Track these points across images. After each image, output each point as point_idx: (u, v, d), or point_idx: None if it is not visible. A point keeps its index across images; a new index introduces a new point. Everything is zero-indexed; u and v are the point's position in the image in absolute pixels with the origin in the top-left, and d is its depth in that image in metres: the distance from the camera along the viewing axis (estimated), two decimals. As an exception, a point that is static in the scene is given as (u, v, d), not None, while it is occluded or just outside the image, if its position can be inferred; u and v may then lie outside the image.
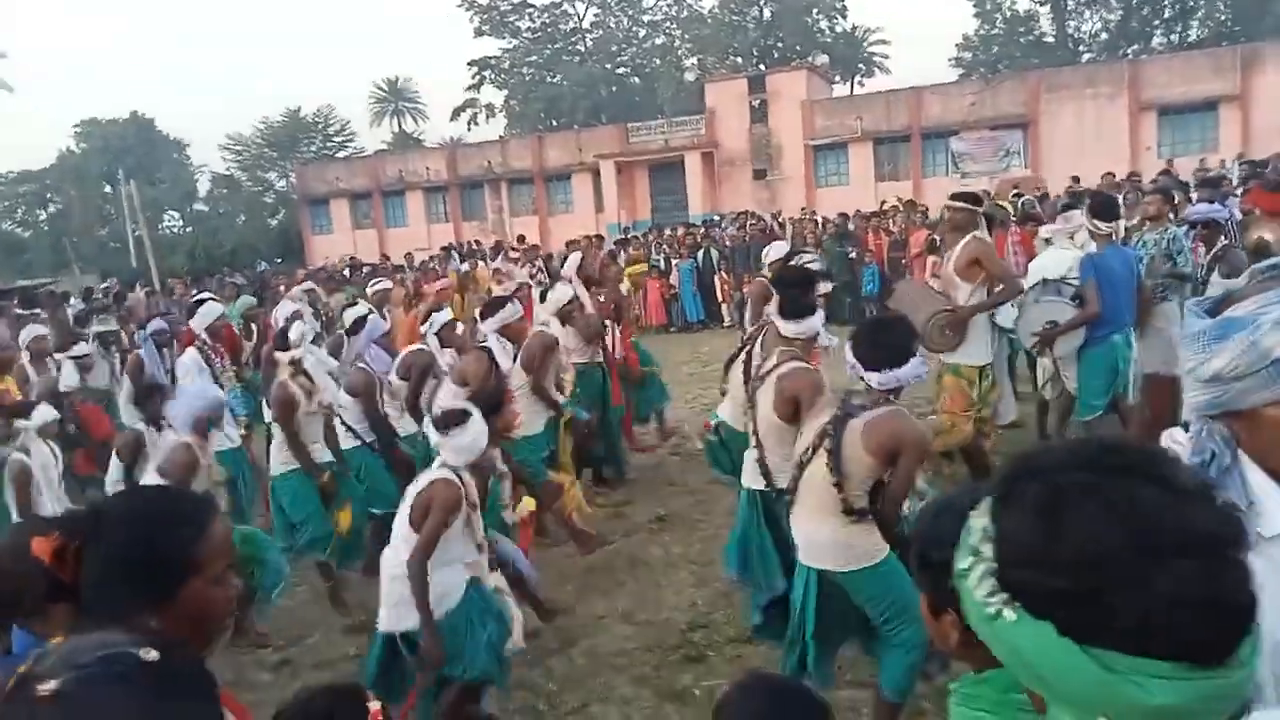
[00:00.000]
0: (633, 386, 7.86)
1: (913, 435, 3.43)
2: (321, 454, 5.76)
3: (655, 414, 8.25)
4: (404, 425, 6.54)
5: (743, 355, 5.30)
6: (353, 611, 5.55)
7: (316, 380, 5.75)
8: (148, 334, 9.27)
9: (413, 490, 3.96)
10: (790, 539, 3.83)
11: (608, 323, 7.54)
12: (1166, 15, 43.49)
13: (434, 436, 4.05)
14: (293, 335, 5.76)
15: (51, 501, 5.19)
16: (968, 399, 5.85)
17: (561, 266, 9.30)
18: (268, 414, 6.19)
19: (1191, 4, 42.10)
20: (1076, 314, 6.14)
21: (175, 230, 49.66)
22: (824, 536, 3.53)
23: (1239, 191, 11.42)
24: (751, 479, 4.42)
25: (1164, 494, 0.83)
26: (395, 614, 3.85)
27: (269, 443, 6.13)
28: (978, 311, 5.79)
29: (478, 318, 6.91)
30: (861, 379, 3.51)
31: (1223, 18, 41.01)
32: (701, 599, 5.33)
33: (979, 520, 0.94)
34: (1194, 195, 10.48)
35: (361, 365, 6.63)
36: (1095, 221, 6.24)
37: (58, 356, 8.19)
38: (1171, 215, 7.45)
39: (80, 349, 8.18)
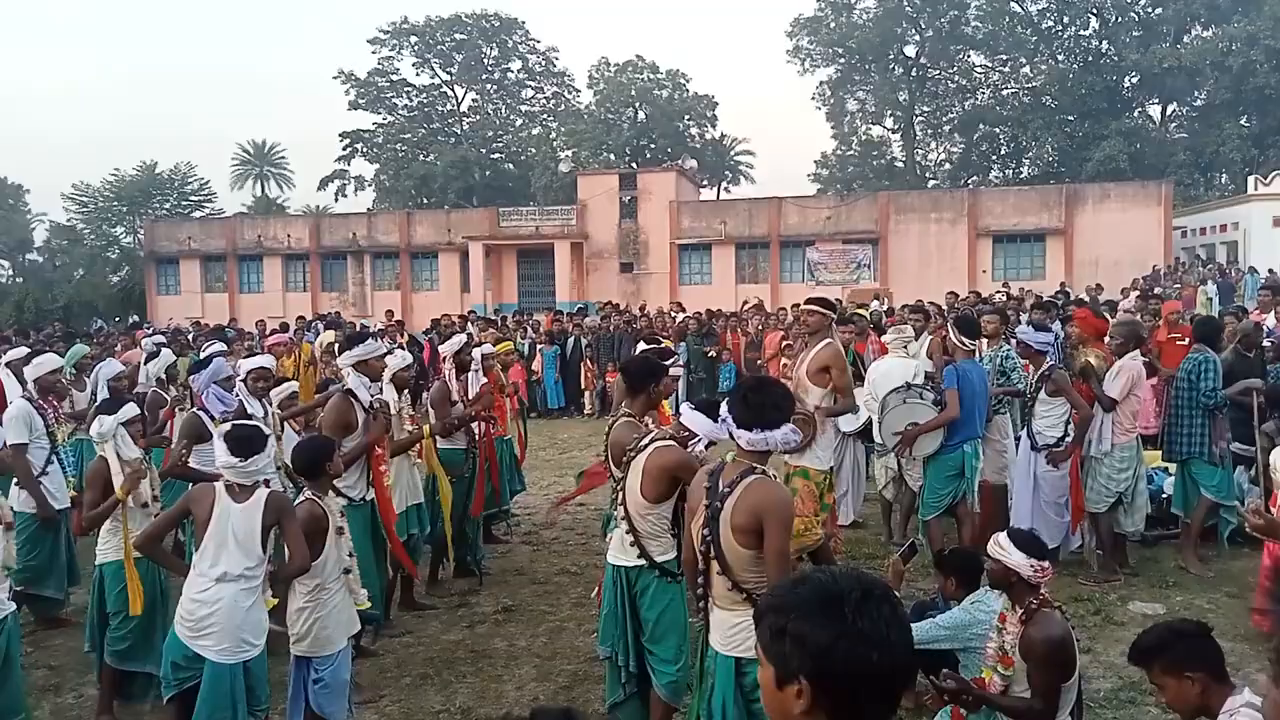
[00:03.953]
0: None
1: (777, 501, 3.20)
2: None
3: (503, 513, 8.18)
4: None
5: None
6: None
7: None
8: None
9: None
10: (645, 620, 4.16)
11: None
12: (1002, 152, 47.77)
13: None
14: (94, 430, 5.02)
15: None
16: (817, 502, 5.92)
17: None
18: None
19: (1023, 144, 46.33)
20: (939, 415, 6.52)
21: (4, 280, 46.20)
22: (736, 621, 3.29)
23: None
24: (617, 555, 4.29)
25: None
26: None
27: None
28: (826, 417, 5.96)
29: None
30: (732, 437, 3.32)
31: (1050, 159, 45.22)
32: (544, 694, 5.18)
33: None
34: (1024, 317, 11.31)
35: (195, 411, 6.04)
36: (962, 338, 6.74)
37: None
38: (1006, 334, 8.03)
39: None
